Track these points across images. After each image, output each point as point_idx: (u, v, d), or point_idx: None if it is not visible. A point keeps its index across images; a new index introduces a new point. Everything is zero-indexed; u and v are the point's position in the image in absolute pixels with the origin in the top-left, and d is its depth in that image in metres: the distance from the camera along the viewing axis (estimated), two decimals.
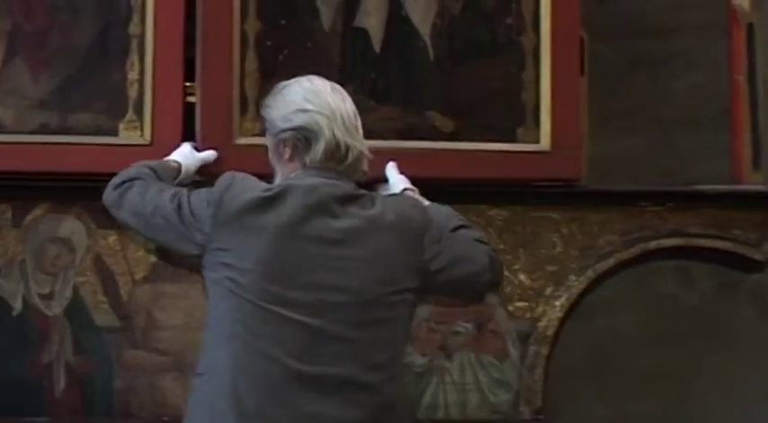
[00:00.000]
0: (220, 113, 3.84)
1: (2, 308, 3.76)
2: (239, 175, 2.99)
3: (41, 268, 3.79)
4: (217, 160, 3.76)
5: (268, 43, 3.89)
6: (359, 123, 3.05)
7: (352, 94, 3.81)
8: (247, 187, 2.94)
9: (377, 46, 3.92)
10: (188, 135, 3.77)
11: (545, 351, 3.91)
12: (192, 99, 3.85)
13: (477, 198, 3.89)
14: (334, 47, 3.91)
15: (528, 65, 3.91)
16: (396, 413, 2.89)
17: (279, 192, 2.91)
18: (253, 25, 3.89)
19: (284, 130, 2.97)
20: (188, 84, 3.84)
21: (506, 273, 3.88)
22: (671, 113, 5.10)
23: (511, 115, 3.91)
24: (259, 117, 3.83)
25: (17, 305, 3.77)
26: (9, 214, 3.80)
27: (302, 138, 2.95)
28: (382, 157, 3.82)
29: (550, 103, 3.89)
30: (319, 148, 2.94)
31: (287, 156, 2.99)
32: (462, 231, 3.06)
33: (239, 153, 3.82)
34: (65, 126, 3.75)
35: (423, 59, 3.92)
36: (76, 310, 3.78)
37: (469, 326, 3.88)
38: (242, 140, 3.85)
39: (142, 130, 3.79)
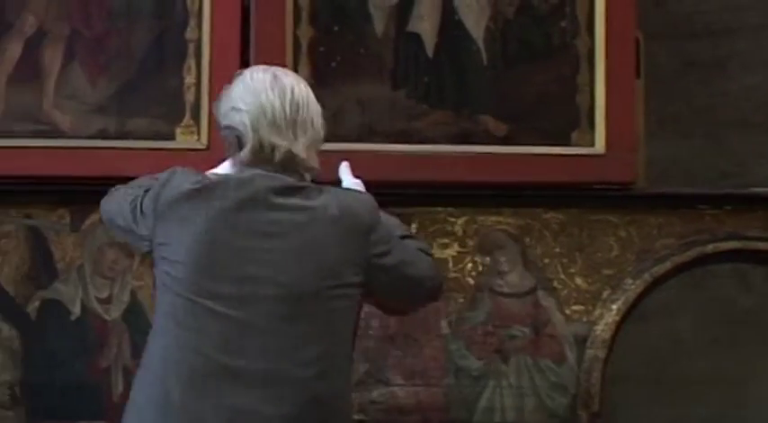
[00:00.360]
0: None
1: (61, 312, 3.79)
2: (180, 170, 2.94)
3: (99, 272, 3.82)
4: None
5: (321, 49, 3.91)
6: (304, 116, 2.88)
7: (405, 99, 3.91)
8: (184, 180, 2.90)
9: (430, 50, 3.92)
10: None
11: (602, 354, 3.88)
12: None
13: (533, 201, 3.87)
14: (387, 52, 3.92)
15: (582, 68, 3.90)
16: (327, 409, 2.82)
17: (209, 183, 2.85)
18: (306, 32, 3.90)
19: (223, 127, 2.97)
20: None
21: (563, 276, 3.87)
22: (726, 116, 5.07)
23: (565, 119, 3.90)
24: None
25: (76, 310, 3.81)
26: (67, 219, 3.83)
27: (234, 136, 2.94)
28: (435, 161, 3.86)
29: (605, 106, 3.88)
30: (247, 148, 2.92)
31: (227, 151, 2.98)
32: (408, 241, 3.02)
33: None
34: (122, 131, 3.79)
35: (476, 63, 3.92)
36: (134, 313, 3.81)
37: (526, 329, 3.87)
38: None
39: (199, 134, 3.82)
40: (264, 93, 2.87)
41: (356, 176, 3.10)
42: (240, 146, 2.87)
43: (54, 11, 3.81)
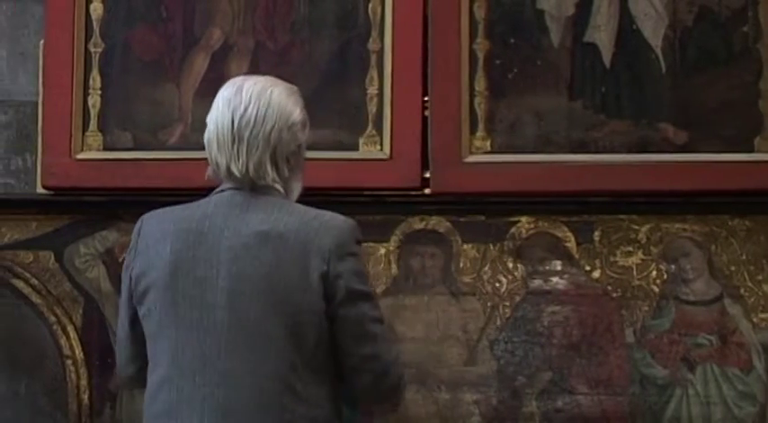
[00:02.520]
0: (450, 131, 3.88)
1: None
2: (152, 212, 2.98)
3: None
4: (447, 177, 3.80)
5: (497, 62, 3.93)
6: (256, 132, 2.86)
7: (582, 109, 3.91)
8: (157, 216, 2.93)
9: (607, 60, 3.92)
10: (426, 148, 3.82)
11: None
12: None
13: (719, 208, 3.82)
14: (564, 63, 3.92)
15: (765, 73, 3.85)
16: None
17: (180, 211, 2.89)
18: (482, 44, 3.93)
19: None
20: (426, 98, 3.88)
21: (750, 283, 3.81)
22: None
23: (747, 125, 3.85)
24: (489, 135, 3.90)
25: None
26: None
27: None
28: (614, 170, 3.84)
29: None
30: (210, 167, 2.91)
31: None
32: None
33: (469, 171, 3.86)
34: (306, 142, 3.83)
35: (654, 72, 3.90)
36: None
37: (713, 338, 3.81)
38: (471, 158, 3.89)
39: (382, 144, 3.85)
40: (219, 109, 2.90)
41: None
42: None
43: (239, 24, 3.90)
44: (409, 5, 3.87)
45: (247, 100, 2.86)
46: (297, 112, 2.92)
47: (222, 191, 2.87)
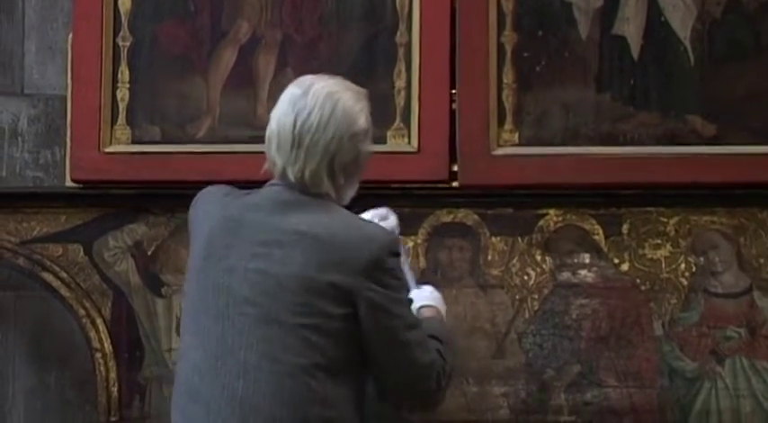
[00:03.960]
0: (478, 124, 3.88)
1: None
2: (212, 187, 2.98)
3: None
4: (475, 170, 3.80)
5: (525, 54, 3.92)
6: (316, 139, 2.81)
7: (610, 101, 3.89)
8: (212, 192, 2.95)
9: (635, 53, 3.91)
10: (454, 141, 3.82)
11: None
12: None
13: (748, 200, 3.81)
14: (592, 55, 3.91)
15: None
16: None
17: (228, 193, 2.90)
18: (510, 37, 3.92)
19: None
20: (454, 91, 3.88)
21: None
22: None
23: None
24: (517, 128, 3.90)
25: None
26: None
27: None
28: (642, 163, 3.83)
29: None
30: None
31: None
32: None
33: (497, 163, 3.86)
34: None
35: (682, 64, 3.89)
36: None
37: (742, 330, 3.80)
38: (499, 151, 3.89)
39: (409, 137, 3.85)
40: (283, 108, 2.84)
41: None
42: None
43: (267, 17, 3.90)
44: None
45: (312, 104, 2.81)
46: (361, 121, 2.88)
47: (273, 185, 2.86)
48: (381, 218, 3.16)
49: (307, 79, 2.89)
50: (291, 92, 2.86)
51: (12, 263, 3.96)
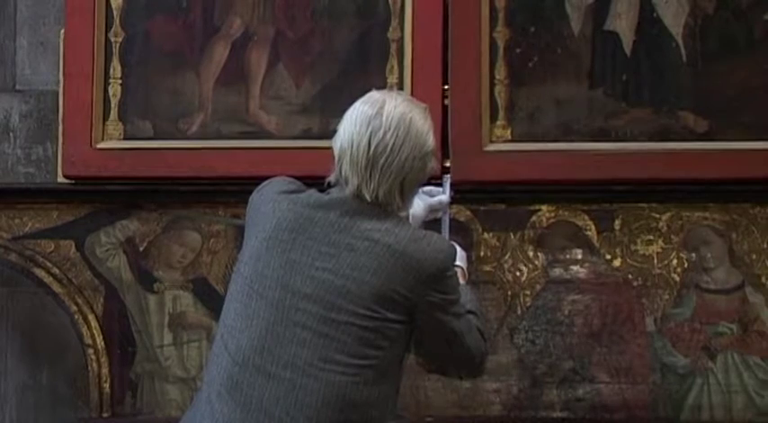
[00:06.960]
0: (470, 120, 3.88)
1: None
2: (279, 178, 2.98)
3: None
4: (468, 166, 3.80)
5: (517, 50, 3.92)
6: (391, 160, 2.83)
7: (603, 97, 3.89)
8: (278, 184, 2.93)
9: (627, 48, 3.91)
10: (447, 138, 3.81)
11: None
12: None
13: (740, 196, 3.81)
14: (584, 51, 3.92)
15: None
16: None
17: (295, 189, 2.90)
18: (502, 33, 3.93)
19: None
20: (446, 87, 3.88)
21: None
22: None
23: None
24: (510, 124, 3.90)
25: None
26: None
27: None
28: (634, 158, 3.83)
29: None
30: (334, 172, 2.91)
31: None
32: (471, 316, 2.93)
33: (489, 159, 3.86)
34: (327, 131, 3.81)
35: (675, 60, 3.89)
36: None
37: (734, 326, 3.81)
38: (492, 147, 3.89)
39: None
40: (356, 126, 2.86)
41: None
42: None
43: (259, 13, 3.90)
44: None
45: (387, 125, 2.83)
46: (430, 141, 2.90)
47: (343, 191, 2.88)
48: (431, 195, 3.22)
49: (377, 97, 2.91)
50: (362, 111, 2.88)
51: (3, 259, 3.96)
